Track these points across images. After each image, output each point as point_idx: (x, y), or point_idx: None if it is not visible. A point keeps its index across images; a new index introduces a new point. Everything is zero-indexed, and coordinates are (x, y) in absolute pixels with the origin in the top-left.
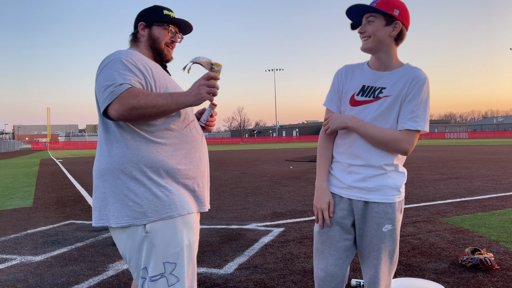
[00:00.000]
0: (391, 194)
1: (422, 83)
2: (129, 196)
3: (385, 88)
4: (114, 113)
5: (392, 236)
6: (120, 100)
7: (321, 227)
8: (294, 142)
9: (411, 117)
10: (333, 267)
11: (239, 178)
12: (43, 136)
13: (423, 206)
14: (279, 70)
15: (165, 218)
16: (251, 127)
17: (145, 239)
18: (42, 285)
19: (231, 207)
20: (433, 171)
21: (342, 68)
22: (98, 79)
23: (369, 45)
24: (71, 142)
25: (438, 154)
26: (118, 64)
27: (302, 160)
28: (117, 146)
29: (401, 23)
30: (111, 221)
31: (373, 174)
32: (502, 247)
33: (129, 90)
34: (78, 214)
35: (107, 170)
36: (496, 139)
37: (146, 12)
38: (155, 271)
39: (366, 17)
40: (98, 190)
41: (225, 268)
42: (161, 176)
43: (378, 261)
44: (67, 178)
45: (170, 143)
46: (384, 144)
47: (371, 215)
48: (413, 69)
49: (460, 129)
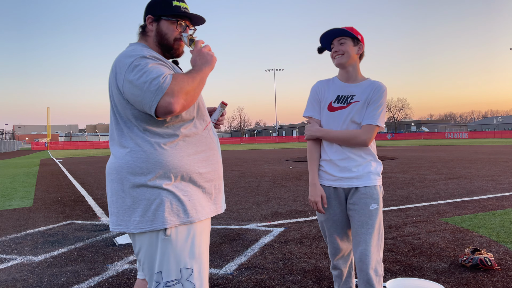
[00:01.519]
0: (374, 179)
1: (382, 91)
2: (151, 200)
3: (354, 95)
4: (170, 108)
5: (378, 213)
6: (170, 94)
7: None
8: (294, 142)
9: (371, 115)
10: (341, 244)
11: (239, 178)
12: (43, 136)
13: (423, 206)
14: (279, 70)
15: (186, 223)
16: (251, 127)
17: (164, 243)
18: (42, 285)
19: (231, 207)
20: (433, 171)
21: (318, 83)
22: (130, 77)
23: (343, 60)
24: (71, 142)
25: (438, 154)
26: (145, 59)
27: (302, 160)
28: (139, 149)
29: (363, 45)
30: (130, 226)
31: (356, 164)
32: (502, 247)
33: (172, 83)
34: (78, 214)
35: (127, 173)
36: (496, 139)
37: (154, 4)
38: (171, 276)
39: (338, 39)
40: (116, 195)
41: (225, 268)
42: (184, 180)
43: (368, 236)
44: (67, 178)
45: (192, 146)
46: (347, 141)
47: (359, 197)
48: (375, 82)
49: (460, 129)
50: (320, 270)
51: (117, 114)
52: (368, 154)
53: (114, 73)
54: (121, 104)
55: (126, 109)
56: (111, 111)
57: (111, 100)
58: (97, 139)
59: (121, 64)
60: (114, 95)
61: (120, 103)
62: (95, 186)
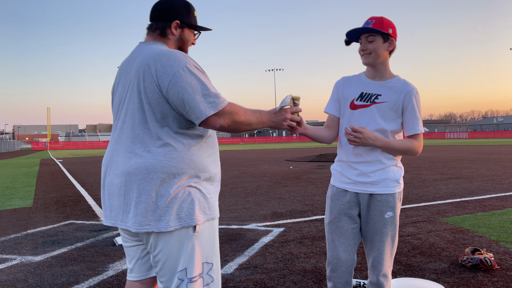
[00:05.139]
0: (392, 186)
1: (416, 95)
2: (183, 198)
3: (380, 95)
4: (216, 123)
5: (393, 221)
6: (225, 113)
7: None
8: (294, 142)
9: (415, 123)
10: (343, 253)
11: (239, 178)
12: (43, 136)
13: (423, 206)
14: (279, 70)
15: (210, 220)
16: None
17: (192, 240)
18: (42, 285)
19: (231, 207)
20: (433, 171)
21: (341, 79)
22: (184, 83)
23: (370, 60)
24: (71, 142)
25: (438, 154)
26: (197, 71)
27: (302, 160)
28: (173, 149)
29: (394, 40)
30: (161, 225)
31: (374, 169)
32: (502, 247)
33: (230, 104)
34: (78, 214)
35: (161, 173)
36: (496, 139)
37: (181, 10)
38: (196, 271)
39: (365, 36)
40: (144, 194)
41: (225, 268)
42: (206, 179)
43: (382, 244)
44: (67, 178)
45: (209, 148)
46: (405, 152)
47: (375, 204)
48: (405, 83)
49: (460, 129)
50: (320, 270)
51: (147, 112)
52: (389, 159)
53: (154, 70)
54: (158, 103)
55: (163, 108)
56: (135, 109)
57: (140, 97)
58: (97, 139)
59: (167, 61)
60: (149, 92)
61: (157, 102)
62: (95, 186)
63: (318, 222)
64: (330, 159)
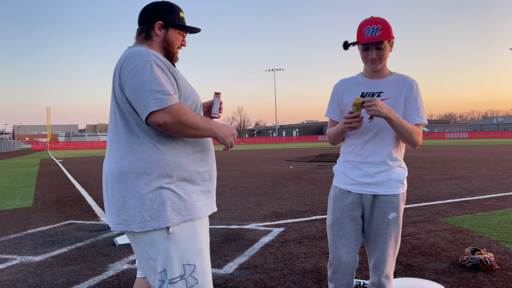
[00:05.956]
0: (396, 187)
1: (416, 86)
2: (153, 199)
3: (382, 92)
4: (159, 120)
5: (397, 222)
6: (170, 111)
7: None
8: (294, 142)
9: (417, 113)
10: (345, 255)
11: (239, 178)
12: (43, 136)
13: (423, 206)
14: (279, 70)
15: (187, 221)
16: (251, 127)
17: (166, 242)
18: (42, 285)
19: (231, 207)
20: (433, 171)
21: (339, 83)
22: (135, 79)
23: (380, 66)
24: (71, 142)
25: (438, 154)
26: (156, 68)
27: (302, 160)
28: (141, 149)
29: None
30: (132, 226)
31: (379, 170)
32: (502, 247)
33: (179, 104)
34: (78, 214)
35: (130, 173)
36: (496, 139)
37: (163, 11)
38: (175, 273)
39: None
40: (117, 194)
41: (225, 268)
42: (184, 179)
43: (385, 245)
44: (67, 178)
45: (191, 146)
46: (410, 135)
47: (379, 205)
48: (404, 77)
49: (460, 129)
50: (320, 270)
51: (117, 113)
52: (394, 160)
53: (119, 68)
54: (123, 102)
55: (129, 108)
56: (112, 110)
57: (113, 99)
58: (97, 139)
59: (130, 59)
60: (117, 93)
61: (122, 101)
62: (95, 186)
63: (318, 222)
64: (330, 159)
